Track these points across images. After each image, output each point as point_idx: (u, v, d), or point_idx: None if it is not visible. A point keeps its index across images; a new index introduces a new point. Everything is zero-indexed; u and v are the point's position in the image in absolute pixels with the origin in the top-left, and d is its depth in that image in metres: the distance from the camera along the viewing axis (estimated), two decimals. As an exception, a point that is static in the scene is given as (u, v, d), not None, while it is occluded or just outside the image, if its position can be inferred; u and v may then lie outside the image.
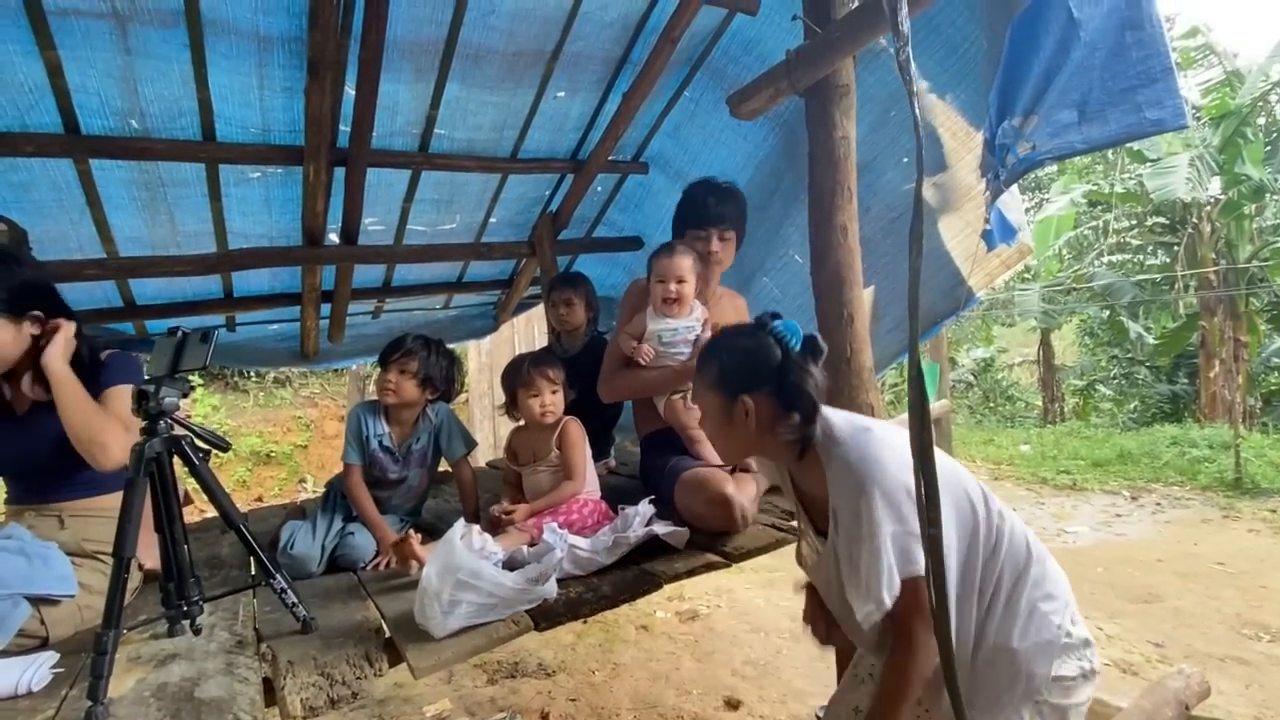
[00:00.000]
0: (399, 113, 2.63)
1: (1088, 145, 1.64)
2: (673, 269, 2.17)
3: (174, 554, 1.44)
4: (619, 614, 3.83)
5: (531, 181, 3.39)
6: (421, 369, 2.20)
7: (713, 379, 1.33)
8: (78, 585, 1.64)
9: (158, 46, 2.07)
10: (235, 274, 3.16)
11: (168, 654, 1.46)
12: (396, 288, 3.85)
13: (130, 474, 1.37)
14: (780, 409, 1.27)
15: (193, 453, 1.44)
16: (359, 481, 2.19)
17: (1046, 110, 1.65)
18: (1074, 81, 1.62)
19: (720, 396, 1.32)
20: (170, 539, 1.43)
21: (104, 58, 2.06)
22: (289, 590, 1.51)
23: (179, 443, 1.43)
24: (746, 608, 4.03)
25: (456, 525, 1.53)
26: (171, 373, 1.42)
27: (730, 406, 1.30)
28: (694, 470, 2.06)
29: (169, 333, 1.46)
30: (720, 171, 3.21)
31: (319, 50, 2.10)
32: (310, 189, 2.67)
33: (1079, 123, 1.62)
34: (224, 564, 2.15)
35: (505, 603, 1.47)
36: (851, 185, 2.03)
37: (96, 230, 2.67)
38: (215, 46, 2.12)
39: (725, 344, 1.36)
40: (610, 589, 1.63)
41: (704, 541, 1.88)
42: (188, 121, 2.37)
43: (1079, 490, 6.88)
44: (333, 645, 1.45)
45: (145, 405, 1.38)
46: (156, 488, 1.41)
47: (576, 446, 2.14)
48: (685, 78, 3.01)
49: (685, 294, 2.18)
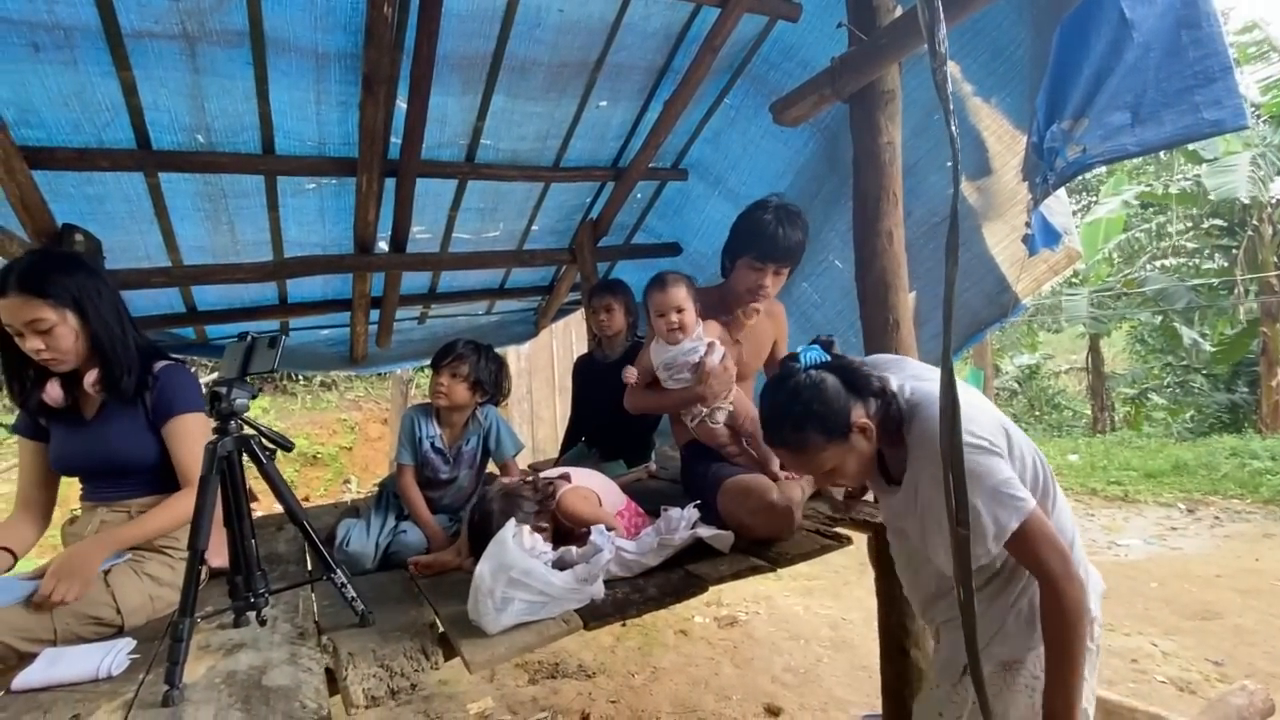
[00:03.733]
0: (447, 124, 2.71)
1: (1141, 148, 1.61)
2: (669, 301, 2.13)
3: (242, 548, 1.51)
4: (657, 618, 3.84)
5: (573, 190, 3.45)
6: (472, 372, 2.26)
7: (819, 440, 1.33)
8: (147, 578, 1.73)
9: (223, 65, 2.18)
10: (290, 281, 3.28)
11: (235, 643, 1.52)
12: (442, 294, 3.95)
13: (203, 471, 1.44)
14: (871, 412, 1.34)
15: (260, 452, 1.51)
16: (411, 482, 2.25)
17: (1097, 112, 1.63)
18: (1127, 83, 1.59)
19: (837, 445, 1.33)
20: (239, 534, 1.50)
21: (174, 76, 2.17)
22: (348, 585, 1.57)
23: (248, 442, 1.50)
24: (785, 615, 4.00)
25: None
26: (241, 375, 1.49)
27: (847, 443, 1.33)
28: (737, 476, 2.07)
29: (239, 338, 1.53)
30: (760, 178, 3.23)
31: (374, 66, 2.19)
32: (362, 199, 2.77)
33: (1132, 125, 1.60)
34: (281, 559, 2.23)
35: (555, 601, 1.50)
36: (897, 190, 2.02)
37: (163, 240, 2.81)
38: (276, 64, 2.22)
39: (793, 408, 1.34)
40: (656, 591, 1.65)
41: (748, 546, 1.88)
42: (249, 136, 2.48)
43: (1131, 502, 6.65)
44: (390, 639, 1.50)
45: (218, 406, 1.46)
46: (227, 485, 1.49)
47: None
48: (726, 85, 3.04)
49: (687, 321, 2.15)
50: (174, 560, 1.78)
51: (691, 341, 2.18)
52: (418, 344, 4.30)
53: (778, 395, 1.38)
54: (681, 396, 2.22)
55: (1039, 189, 1.76)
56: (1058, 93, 1.67)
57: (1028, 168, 1.83)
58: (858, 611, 3.95)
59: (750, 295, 2.26)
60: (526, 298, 4.42)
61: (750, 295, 2.26)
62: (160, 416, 1.77)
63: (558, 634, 1.48)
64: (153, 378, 1.79)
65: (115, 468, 1.78)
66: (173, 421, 1.76)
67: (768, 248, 2.16)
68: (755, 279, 2.21)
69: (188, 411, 1.77)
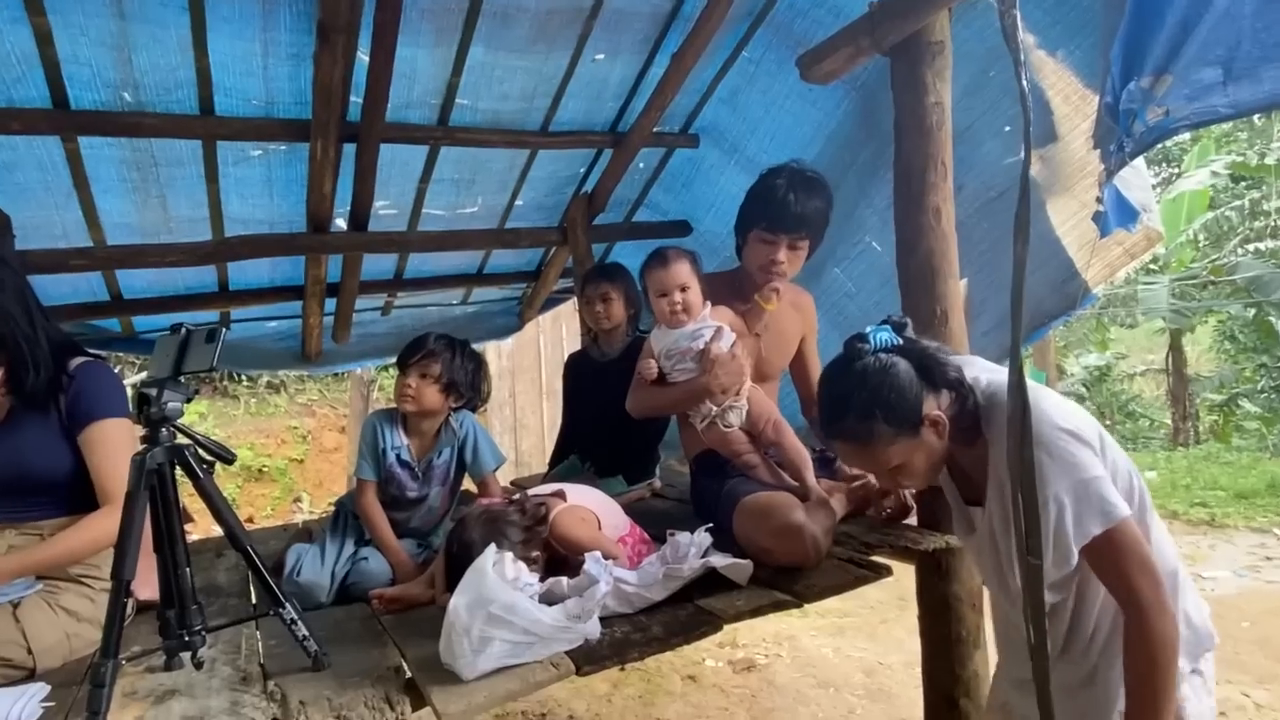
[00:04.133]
0: (417, 81, 2.71)
1: (1234, 110, 1.60)
2: (671, 279, 2.16)
3: (174, 578, 1.51)
4: (662, 661, 3.84)
5: (564, 158, 3.44)
6: (445, 373, 2.26)
7: (887, 432, 1.36)
8: (63, 612, 1.73)
9: (154, 10, 2.18)
10: (232, 265, 3.28)
11: (167, 689, 1.52)
12: (410, 280, 3.95)
13: (129, 487, 1.43)
14: (944, 405, 1.39)
15: (196, 465, 1.51)
16: (374, 500, 2.25)
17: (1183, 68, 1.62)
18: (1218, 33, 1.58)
19: (907, 439, 1.37)
20: (171, 561, 1.49)
21: (97, 24, 2.17)
22: (299, 621, 1.56)
23: (182, 453, 1.50)
24: (812, 658, 4.00)
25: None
26: (175, 374, 1.49)
27: (918, 438, 1.37)
28: (756, 495, 2.06)
29: (172, 330, 1.53)
30: (784, 144, 3.22)
31: (330, 11, 2.18)
32: (317, 168, 2.77)
33: (1224, 83, 1.59)
34: (221, 591, 2.22)
35: (543, 641, 1.48)
36: (946, 159, 2.02)
37: (84, 215, 2.81)
38: (216, 8, 2.22)
39: (860, 395, 1.37)
40: (661, 629, 1.64)
41: (768, 577, 1.88)
42: (184, 94, 2.48)
43: (1218, 527, 6.64)
44: (348, 685, 1.49)
45: (146, 411, 1.45)
46: (157, 504, 1.48)
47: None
48: (744, 35, 3.03)
49: (691, 301, 2.18)
50: (95, 592, 1.78)
51: (695, 324, 2.18)
52: (381, 339, 4.30)
53: (842, 380, 1.41)
54: (685, 391, 2.22)
55: (1113, 158, 1.75)
56: (1136, 44, 1.66)
57: (1100, 133, 1.82)
58: (897, 655, 3.94)
59: (763, 273, 2.29)
60: (509, 285, 4.42)
61: (763, 273, 2.29)
62: (76, 423, 1.76)
63: (545, 680, 1.47)
64: (68, 377, 1.78)
65: (25, 483, 1.77)
66: (91, 428, 1.75)
67: (778, 215, 2.20)
68: (767, 253, 2.25)
69: (109, 416, 1.77)
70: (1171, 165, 12.45)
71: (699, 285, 2.21)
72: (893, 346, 1.41)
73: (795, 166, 2.27)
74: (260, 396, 10.24)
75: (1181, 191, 9.73)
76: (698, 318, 2.21)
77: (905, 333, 1.45)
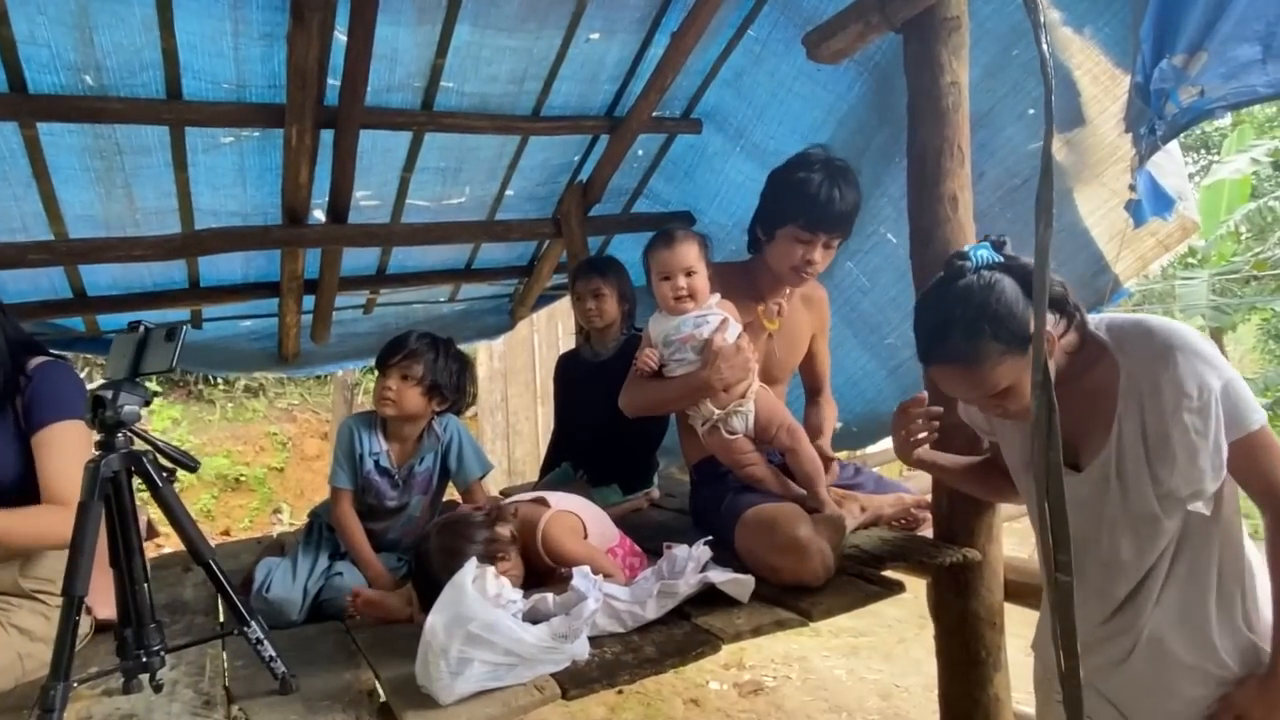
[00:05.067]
0: (399, 62, 2.69)
1: (1274, 90, 1.60)
2: (678, 260, 2.16)
3: (132, 595, 1.50)
4: (662, 683, 3.83)
5: (557, 145, 3.42)
6: (428, 374, 2.25)
7: (996, 350, 1.39)
8: (15, 631, 1.72)
9: (117, -14, 2.17)
10: (203, 260, 3.27)
11: (124, 714, 1.52)
12: (393, 276, 3.93)
13: (83, 496, 1.43)
14: (1050, 322, 1.39)
15: (155, 472, 1.50)
16: (349, 511, 2.24)
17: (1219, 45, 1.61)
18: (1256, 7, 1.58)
19: (1016, 355, 1.39)
20: (128, 577, 1.49)
21: (55, 2, 2.15)
22: (265, 641, 1.55)
23: (139, 460, 1.49)
24: (824, 680, 3.99)
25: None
26: (132, 375, 1.48)
27: (1028, 355, 1.37)
28: (760, 507, 2.05)
29: (130, 328, 1.53)
30: (792, 129, 3.21)
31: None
32: (292, 156, 2.75)
33: (1263, 60, 1.58)
34: (187, 608, 2.22)
35: (526, 662, 1.48)
36: (963, 144, 2.02)
37: (43, 207, 2.79)
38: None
39: (965, 312, 1.40)
40: (655, 650, 1.63)
41: (773, 594, 1.87)
42: (150, 76, 2.46)
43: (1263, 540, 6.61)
44: (317, 709, 1.49)
45: (101, 415, 1.44)
46: (113, 514, 1.47)
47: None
48: (749, 12, 3.01)
49: (698, 286, 2.18)
50: (50, 609, 1.77)
51: (700, 311, 2.16)
52: (363, 339, 4.29)
53: (943, 300, 1.44)
54: (682, 386, 2.19)
55: (1145, 142, 1.74)
56: (1169, 20, 1.65)
57: (1131, 116, 1.81)
58: (915, 677, 3.93)
59: (795, 273, 2.28)
60: (500, 281, 4.40)
61: (795, 273, 2.28)
62: (33, 425, 1.76)
63: (529, 704, 1.47)
64: (25, 378, 1.78)
65: None
66: (43, 431, 1.75)
67: (819, 213, 2.17)
68: (803, 253, 2.23)
69: (63, 419, 1.77)
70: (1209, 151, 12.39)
71: (705, 271, 2.19)
72: (994, 264, 1.43)
73: (824, 155, 2.25)
74: (237, 401, 10.24)
75: (1220, 179, 9.67)
76: (703, 305, 2.19)
77: (1005, 250, 1.47)
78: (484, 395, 7.72)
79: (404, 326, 4.02)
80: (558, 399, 3.38)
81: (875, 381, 3.39)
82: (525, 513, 1.96)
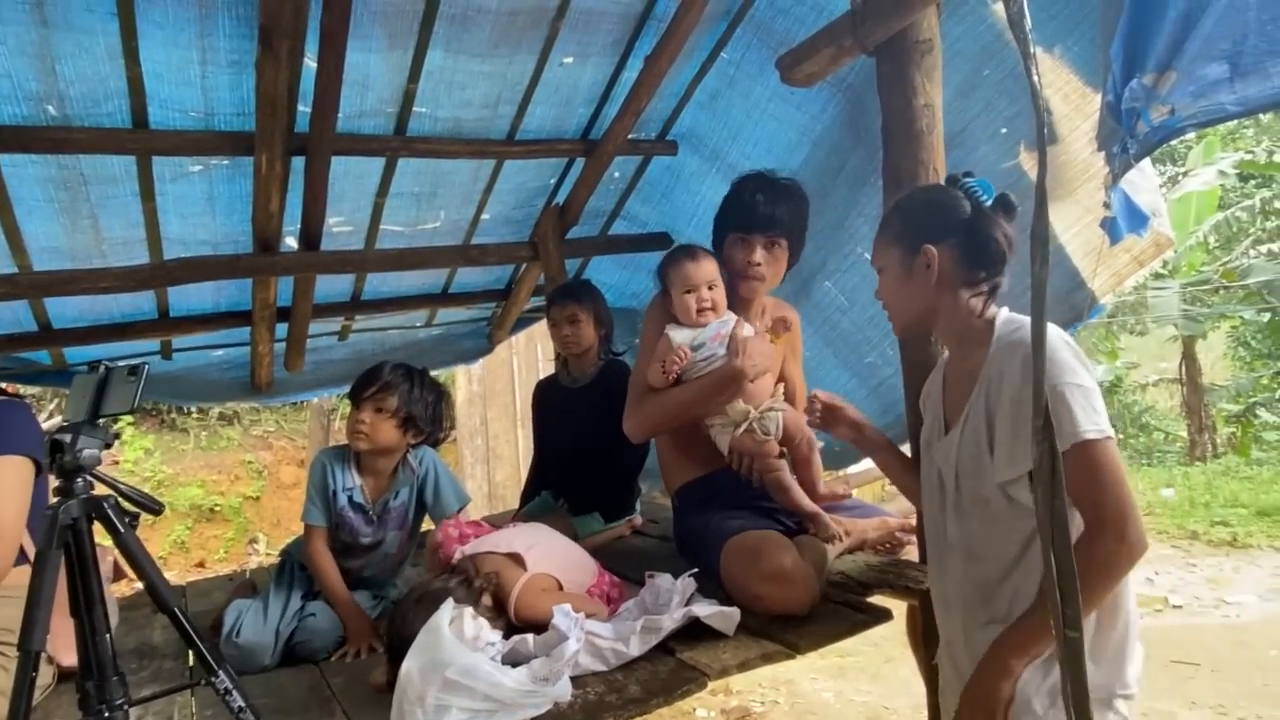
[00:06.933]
0: (370, 88, 2.68)
1: (1242, 107, 1.60)
2: (701, 273, 2.22)
3: (94, 645, 1.44)
4: (648, 710, 3.77)
5: (533, 168, 3.42)
6: (402, 406, 2.21)
7: (895, 232, 1.57)
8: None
9: (79, 16, 2.13)
10: (172, 290, 3.22)
11: (85, 771, 1.45)
12: (368, 302, 3.89)
13: (40, 545, 1.37)
14: (965, 263, 1.50)
15: (117, 518, 1.45)
16: (323, 549, 2.19)
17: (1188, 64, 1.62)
18: (1224, 27, 1.59)
19: (900, 249, 1.55)
20: (89, 627, 1.43)
21: (16, 31, 2.12)
22: (235, 691, 1.50)
23: (100, 505, 1.44)
24: (812, 704, 3.95)
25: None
26: (92, 418, 1.44)
27: (911, 260, 1.53)
28: (744, 534, 2.02)
29: (90, 368, 1.48)
30: (768, 150, 3.22)
31: (272, 14, 2.15)
32: (262, 183, 2.72)
33: (1231, 79, 1.59)
34: (157, 653, 2.17)
35: (506, 708, 1.43)
36: (938, 165, 2.02)
37: (6, 239, 2.74)
38: (148, 14, 2.18)
39: (911, 198, 1.62)
40: (639, 689, 1.60)
41: (759, 625, 1.84)
42: (115, 106, 2.43)
43: (1241, 547, 6.67)
44: (290, 761, 1.44)
45: (59, 460, 1.39)
46: (72, 563, 1.42)
47: None
48: (723, 35, 3.03)
49: (719, 300, 2.25)
50: (8, 659, 1.71)
51: (719, 321, 2.24)
52: (339, 366, 4.23)
53: (918, 187, 1.67)
54: (714, 380, 2.17)
55: (1119, 160, 1.75)
56: (1138, 39, 1.66)
57: (1104, 134, 1.82)
58: (904, 697, 3.90)
59: (743, 276, 2.35)
60: (477, 305, 4.37)
61: (743, 276, 2.35)
62: None
63: (510, 750, 1.42)
64: None
65: None
66: None
67: (747, 214, 2.31)
68: (744, 255, 2.33)
69: (3, 454, 1.72)
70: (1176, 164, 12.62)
71: (724, 287, 2.27)
72: (978, 200, 1.51)
73: (765, 173, 2.40)
74: (211, 429, 10.09)
75: (1189, 192, 9.84)
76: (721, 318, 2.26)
77: (1007, 210, 1.52)
78: (463, 419, 7.64)
79: (380, 352, 3.99)
80: (536, 426, 3.34)
81: (856, 400, 3.36)
82: (501, 576, 1.88)
